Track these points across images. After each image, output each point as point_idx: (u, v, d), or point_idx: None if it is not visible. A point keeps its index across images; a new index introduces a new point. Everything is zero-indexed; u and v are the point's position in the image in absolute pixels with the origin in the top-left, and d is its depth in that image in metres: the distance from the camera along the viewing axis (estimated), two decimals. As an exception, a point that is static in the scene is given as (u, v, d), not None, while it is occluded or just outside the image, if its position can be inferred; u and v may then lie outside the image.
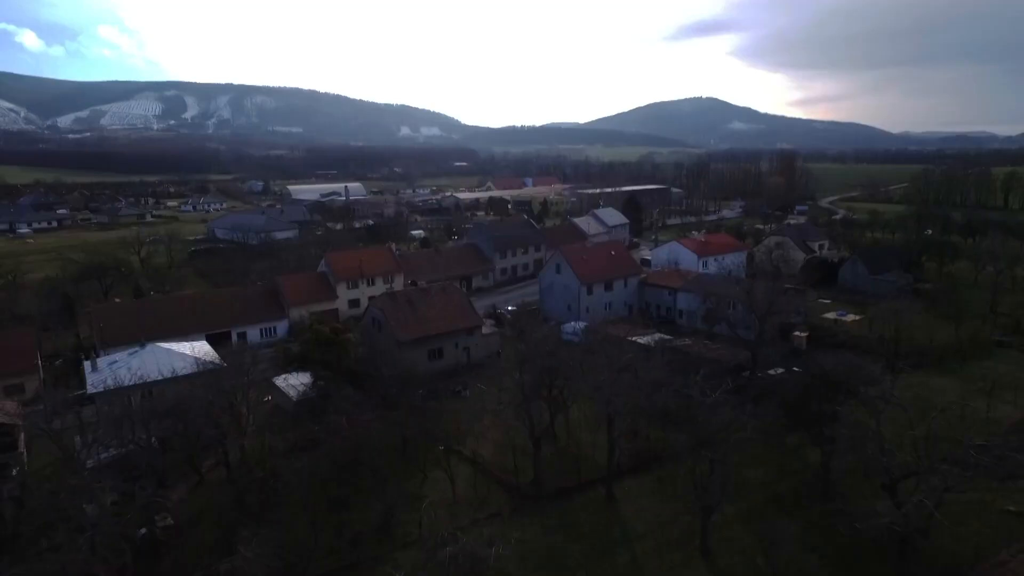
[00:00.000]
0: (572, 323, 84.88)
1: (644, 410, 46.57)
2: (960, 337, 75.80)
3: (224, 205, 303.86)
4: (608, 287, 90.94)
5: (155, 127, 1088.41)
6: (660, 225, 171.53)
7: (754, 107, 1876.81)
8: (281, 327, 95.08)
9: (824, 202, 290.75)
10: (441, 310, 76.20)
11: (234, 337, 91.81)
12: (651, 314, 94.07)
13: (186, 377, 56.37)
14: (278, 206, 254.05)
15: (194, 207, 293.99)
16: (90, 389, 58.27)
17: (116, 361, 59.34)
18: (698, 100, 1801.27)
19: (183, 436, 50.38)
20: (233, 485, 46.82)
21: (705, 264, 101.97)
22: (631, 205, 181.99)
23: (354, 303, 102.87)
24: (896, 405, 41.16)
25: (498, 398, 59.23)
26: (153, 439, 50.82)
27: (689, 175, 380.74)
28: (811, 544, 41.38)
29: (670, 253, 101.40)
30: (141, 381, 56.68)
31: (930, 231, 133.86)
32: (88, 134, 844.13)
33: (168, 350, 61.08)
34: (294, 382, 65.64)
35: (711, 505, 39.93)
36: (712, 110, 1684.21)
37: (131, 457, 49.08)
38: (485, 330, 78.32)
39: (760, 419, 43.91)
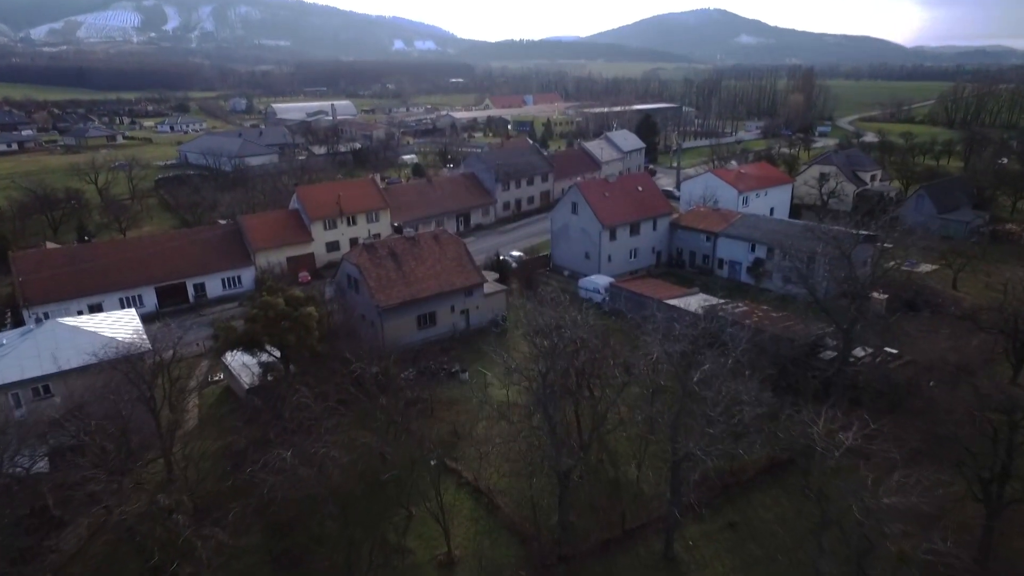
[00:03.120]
0: (592, 277, 70.24)
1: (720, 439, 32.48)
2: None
3: (204, 125, 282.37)
4: (634, 230, 75.82)
5: (134, 40, 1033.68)
6: (677, 148, 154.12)
7: (764, 20, 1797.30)
8: (247, 276, 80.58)
9: (843, 122, 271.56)
10: (433, 265, 61.47)
11: (190, 290, 77.66)
12: (683, 263, 79.44)
13: (96, 366, 42.30)
14: (261, 126, 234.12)
15: (171, 128, 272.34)
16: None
17: (2, 344, 44.98)
18: (705, 12, 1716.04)
19: (86, 450, 36.71)
20: (134, 543, 33.09)
21: (745, 201, 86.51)
22: (646, 126, 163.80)
23: (333, 246, 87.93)
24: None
25: (506, 387, 45.86)
26: (41, 461, 37.35)
27: (700, 93, 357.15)
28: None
29: (706, 188, 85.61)
30: (24, 378, 42.60)
31: (1004, 160, 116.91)
32: (64, 47, 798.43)
33: (74, 328, 46.65)
34: (249, 360, 51.75)
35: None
36: (719, 22, 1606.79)
37: (9, 490, 35.57)
38: (487, 288, 63.85)
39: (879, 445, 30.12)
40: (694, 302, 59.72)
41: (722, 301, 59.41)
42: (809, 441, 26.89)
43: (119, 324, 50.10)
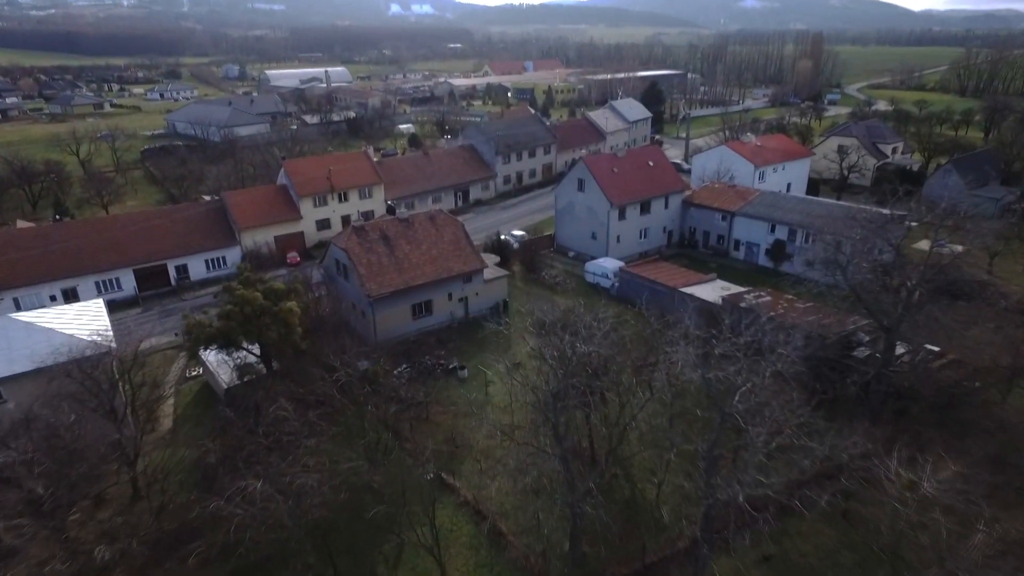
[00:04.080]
0: (600, 261, 65.35)
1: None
2: None
3: (195, 93, 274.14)
4: (645, 209, 70.73)
5: (125, 3, 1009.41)
6: (686, 118, 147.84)
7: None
8: (232, 256, 75.79)
9: (851, 90, 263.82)
10: (429, 249, 56.58)
11: (172, 272, 72.88)
12: (696, 243, 74.48)
13: (48, 370, 37.69)
14: (254, 94, 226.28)
15: (161, 95, 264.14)
16: None
17: (-54, 345, 40.34)
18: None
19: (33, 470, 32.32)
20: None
21: (762, 176, 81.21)
22: (652, 94, 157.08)
23: (323, 224, 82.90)
24: None
25: (509, 389, 41.50)
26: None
27: (704, 59, 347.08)
28: None
29: (721, 162, 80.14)
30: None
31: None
32: (52, 11, 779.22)
33: (28, 324, 41.90)
34: (227, 356, 47.21)
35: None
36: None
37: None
38: (488, 274, 59.08)
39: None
40: (712, 290, 55.08)
41: (743, 289, 54.69)
42: (878, 490, 22.37)
43: (82, 318, 45.36)
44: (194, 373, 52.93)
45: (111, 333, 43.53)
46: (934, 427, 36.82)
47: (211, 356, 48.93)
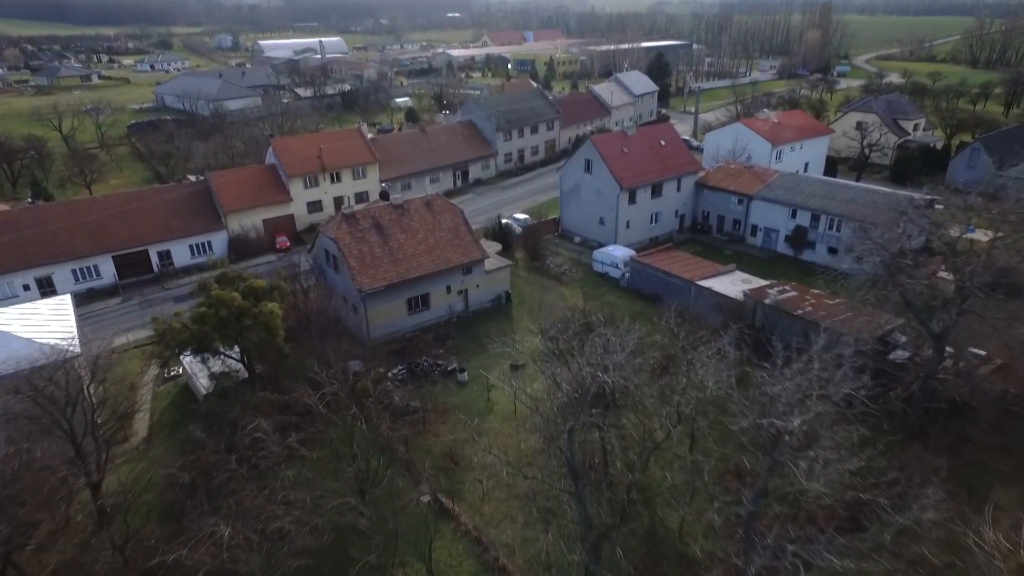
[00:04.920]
0: (609, 249, 61.06)
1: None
2: None
3: (187, 64, 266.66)
4: (656, 191, 66.30)
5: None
6: (695, 91, 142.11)
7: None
8: (218, 242, 71.62)
9: (860, 61, 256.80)
10: (425, 238, 52.33)
11: (154, 258, 68.66)
12: (709, 228, 70.16)
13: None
14: (247, 65, 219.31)
15: (152, 66, 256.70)
16: None
17: None
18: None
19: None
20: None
21: (779, 155, 76.60)
22: (658, 66, 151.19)
23: (315, 207, 78.47)
24: None
25: (513, 397, 37.69)
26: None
27: (709, 29, 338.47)
28: None
29: (736, 140, 75.38)
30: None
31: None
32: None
33: (-18, 328, 37.85)
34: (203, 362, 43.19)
35: None
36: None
37: None
38: (489, 264, 54.91)
39: None
40: (731, 283, 50.97)
41: (765, 283, 50.56)
42: (962, 558, 18.55)
43: (45, 318, 41.33)
44: (174, 373, 49.04)
45: (76, 336, 39.56)
46: (999, 455, 32.93)
47: (189, 358, 45.09)
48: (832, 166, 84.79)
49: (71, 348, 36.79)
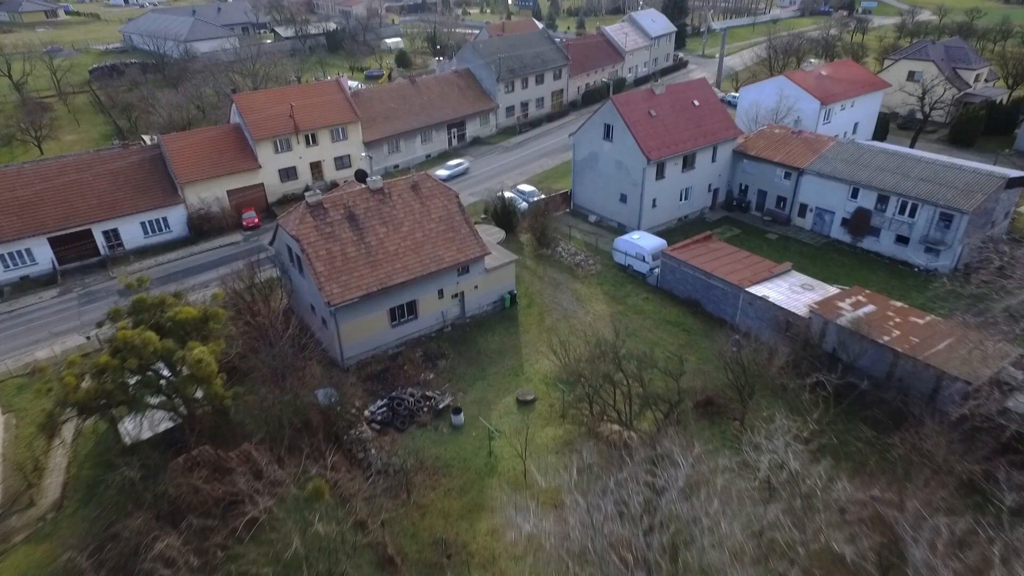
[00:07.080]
0: (634, 237, 50.73)
1: None
2: None
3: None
4: (688, 163, 55.70)
5: None
6: (714, 31, 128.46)
7: None
8: (175, 218, 61.54)
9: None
10: (412, 232, 42.20)
11: (100, 239, 58.59)
12: (747, 205, 59.69)
13: None
14: (228, 0, 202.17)
15: (126, 1, 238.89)
16: None
17: None
18: None
19: None
20: None
21: (827, 115, 65.44)
22: (676, 3, 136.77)
23: (289, 174, 67.88)
24: None
25: (521, 453, 28.74)
26: None
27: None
28: None
29: (780, 98, 63.94)
30: None
31: None
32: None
33: None
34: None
35: None
36: None
37: None
38: (490, 260, 44.94)
39: None
40: (789, 290, 41.12)
41: (833, 291, 40.64)
42: None
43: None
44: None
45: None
46: None
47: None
48: (883, 126, 73.42)
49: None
